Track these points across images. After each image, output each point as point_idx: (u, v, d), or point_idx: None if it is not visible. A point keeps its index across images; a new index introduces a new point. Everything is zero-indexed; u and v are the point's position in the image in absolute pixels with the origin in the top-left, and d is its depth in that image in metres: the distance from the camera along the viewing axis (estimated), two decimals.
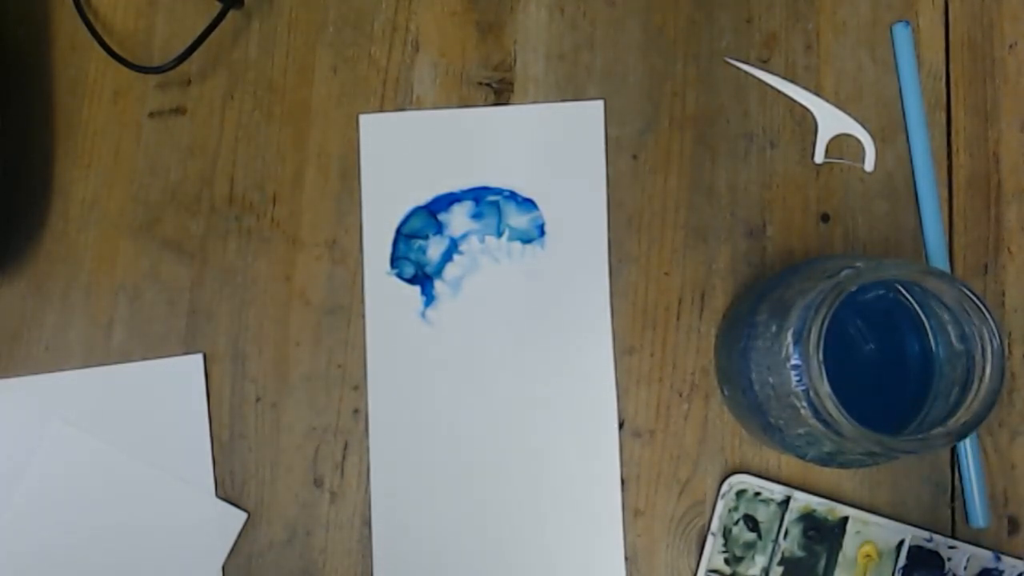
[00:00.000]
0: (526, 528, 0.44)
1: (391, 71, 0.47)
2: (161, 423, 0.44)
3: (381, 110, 0.47)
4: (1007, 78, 0.46)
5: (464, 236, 0.45)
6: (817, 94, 0.46)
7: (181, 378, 0.45)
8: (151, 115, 0.47)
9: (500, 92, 0.47)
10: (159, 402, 0.45)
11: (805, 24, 0.46)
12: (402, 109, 0.47)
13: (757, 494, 0.42)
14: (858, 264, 0.34)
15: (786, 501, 0.42)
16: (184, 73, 0.47)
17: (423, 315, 0.45)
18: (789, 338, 0.34)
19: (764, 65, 0.46)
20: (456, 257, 0.45)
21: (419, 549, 0.43)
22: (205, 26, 0.46)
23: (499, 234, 0.45)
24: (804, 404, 0.34)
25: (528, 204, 0.46)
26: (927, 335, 0.37)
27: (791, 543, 0.42)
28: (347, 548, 0.44)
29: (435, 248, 0.45)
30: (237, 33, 0.48)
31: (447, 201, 0.46)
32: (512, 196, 0.46)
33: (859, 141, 0.45)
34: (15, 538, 0.44)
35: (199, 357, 0.45)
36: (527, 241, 0.45)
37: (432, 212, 0.46)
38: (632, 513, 0.43)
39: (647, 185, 0.46)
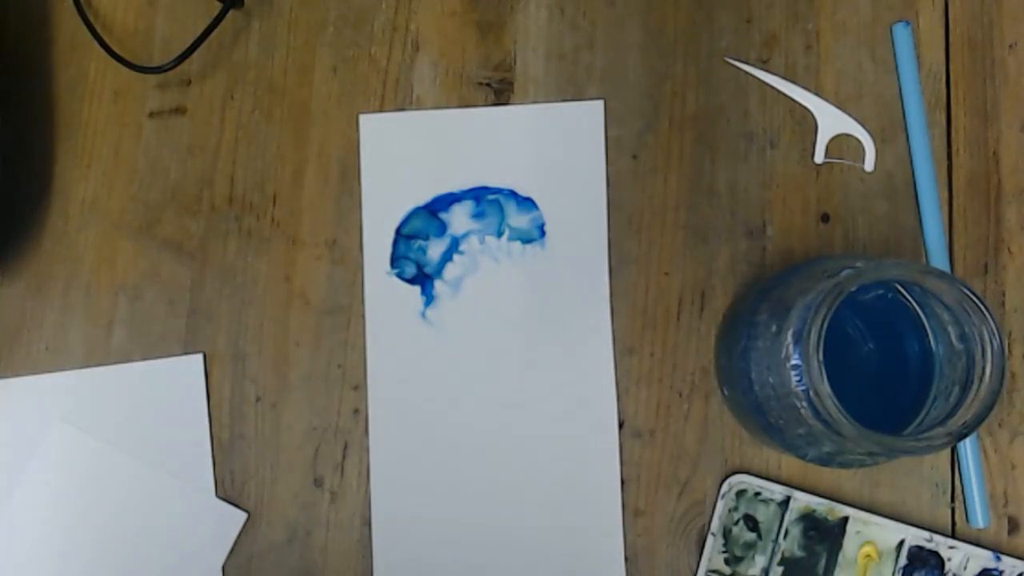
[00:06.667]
0: (526, 528, 0.43)
1: (391, 71, 0.47)
2: (161, 423, 0.44)
3: (381, 110, 0.47)
4: (1007, 78, 0.46)
5: (464, 236, 0.45)
6: (817, 94, 0.46)
7: (181, 378, 0.45)
8: (151, 115, 0.47)
9: (500, 92, 0.47)
10: (159, 402, 0.45)
11: (805, 24, 0.46)
12: (402, 109, 0.47)
13: (757, 494, 0.42)
14: (858, 264, 0.34)
15: (786, 501, 0.42)
16: (184, 73, 0.47)
17: (423, 315, 0.45)
18: (789, 338, 0.34)
19: (764, 65, 0.46)
20: (456, 257, 0.45)
21: (419, 549, 0.43)
22: (205, 26, 0.46)
23: (499, 234, 0.45)
24: (804, 404, 0.34)
25: (528, 204, 0.46)
26: (927, 335, 0.37)
27: (791, 543, 0.42)
28: (347, 548, 0.44)
29: (435, 248, 0.45)
30: (237, 33, 0.48)
31: (447, 201, 0.46)
32: (512, 195, 0.46)
33: (859, 141, 0.45)
34: (15, 538, 0.44)
35: (199, 357, 0.45)
36: (527, 241, 0.45)
37: (432, 212, 0.46)
38: (632, 513, 0.43)
39: (647, 185, 0.46)
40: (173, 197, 0.46)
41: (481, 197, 0.46)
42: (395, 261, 0.45)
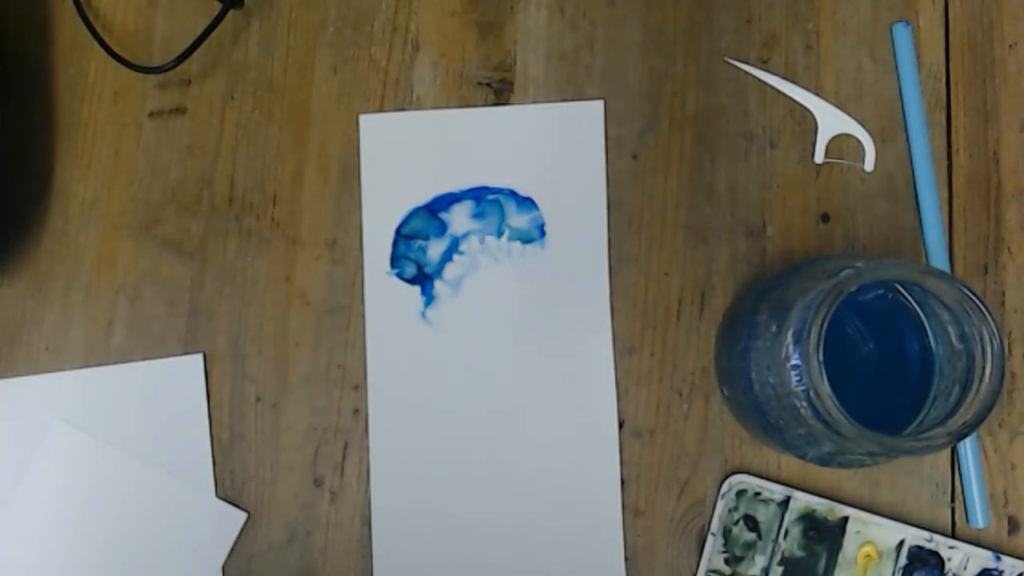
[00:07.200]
0: (526, 527, 0.43)
1: (391, 71, 0.47)
2: (161, 423, 0.44)
3: (381, 110, 0.47)
4: (1007, 78, 0.46)
5: (464, 236, 0.45)
6: (817, 94, 0.46)
7: (181, 378, 0.45)
8: (151, 115, 0.47)
9: (500, 92, 0.47)
10: (159, 402, 0.45)
11: (805, 24, 0.46)
12: (402, 109, 0.47)
13: (757, 494, 0.42)
14: (858, 264, 0.34)
15: (786, 501, 0.42)
16: (184, 73, 0.47)
17: (423, 315, 0.45)
18: (789, 338, 0.34)
19: (764, 65, 0.46)
20: (456, 257, 0.45)
21: (419, 549, 0.43)
22: (205, 26, 0.46)
23: (499, 234, 0.45)
24: (804, 404, 0.34)
25: (528, 204, 0.46)
26: (927, 335, 0.37)
27: (791, 543, 0.42)
28: (347, 548, 0.44)
29: (435, 248, 0.45)
30: (237, 33, 0.48)
31: (447, 201, 0.46)
32: (512, 195, 0.46)
33: (859, 141, 0.45)
34: (15, 538, 0.44)
35: (199, 357, 0.45)
36: (527, 241, 0.45)
37: (432, 212, 0.46)
38: (632, 513, 0.43)
39: (647, 185, 0.46)
40: (173, 197, 0.46)
41: (481, 197, 0.46)
42: (395, 261, 0.45)
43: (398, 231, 0.46)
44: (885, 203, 0.45)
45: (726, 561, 0.42)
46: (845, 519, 0.42)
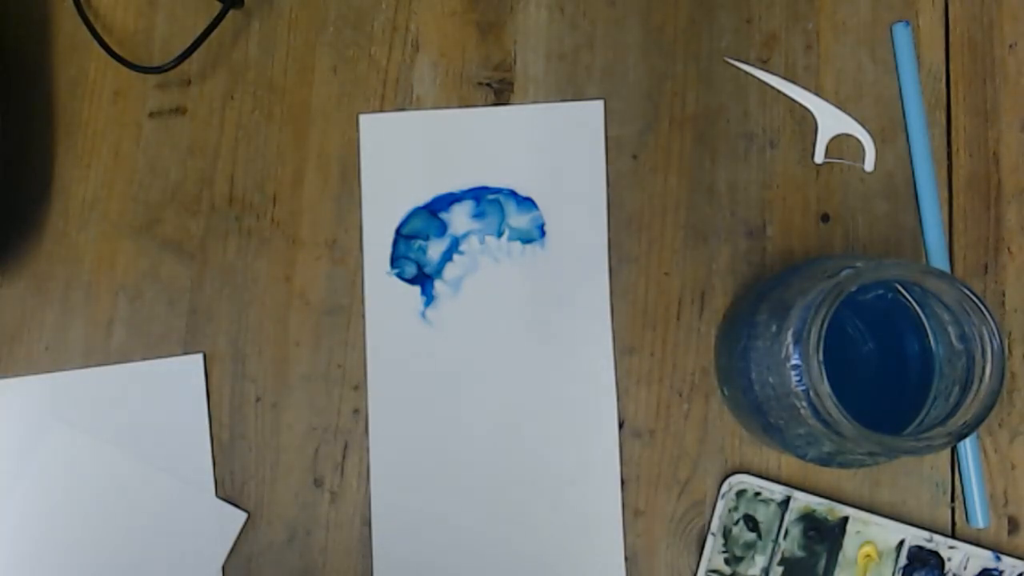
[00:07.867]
0: (526, 528, 0.44)
1: (391, 71, 0.47)
2: (161, 423, 0.44)
3: (381, 110, 0.47)
4: (1007, 78, 0.46)
5: (464, 236, 0.45)
6: (817, 94, 0.46)
7: (181, 378, 0.45)
8: (151, 115, 0.47)
9: (500, 92, 0.47)
10: (159, 402, 0.45)
11: (805, 24, 0.46)
12: (402, 109, 0.47)
13: (757, 494, 0.42)
14: (858, 264, 0.34)
15: (786, 501, 0.42)
16: (184, 73, 0.47)
17: (423, 315, 0.45)
18: (789, 338, 0.34)
19: (764, 65, 0.46)
20: (456, 257, 0.45)
21: (419, 549, 0.43)
22: (205, 26, 0.46)
23: (499, 234, 0.45)
24: (804, 404, 0.34)
25: (528, 204, 0.46)
26: (927, 335, 0.37)
27: (791, 543, 0.42)
28: (347, 548, 0.44)
29: (435, 248, 0.45)
30: (237, 33, 0.48)
31: (447, 201, 0.46)
32: (512, 195, 0.46)
33: (859, 141, 0.45)
34: (15, 538, 0.44)
35: (199, 357, 0.45)
36: (527, 241, 0.45)
37: (432, 212, 0.46)
38: (632, 513, 0.43)
39: (647, 185, 0.46)
40: (173, 197, 0.47)
41: (481, 197, 0.46)
42: (395, 261, 0.45)
43: (398, 231, 0.46)
44: (885, 203, 0.45)
45: (726, 561, 0.42)
46: (845, 519, 0.42)
